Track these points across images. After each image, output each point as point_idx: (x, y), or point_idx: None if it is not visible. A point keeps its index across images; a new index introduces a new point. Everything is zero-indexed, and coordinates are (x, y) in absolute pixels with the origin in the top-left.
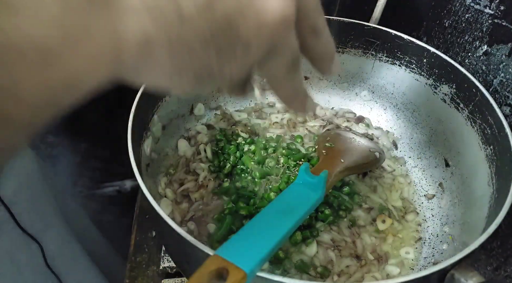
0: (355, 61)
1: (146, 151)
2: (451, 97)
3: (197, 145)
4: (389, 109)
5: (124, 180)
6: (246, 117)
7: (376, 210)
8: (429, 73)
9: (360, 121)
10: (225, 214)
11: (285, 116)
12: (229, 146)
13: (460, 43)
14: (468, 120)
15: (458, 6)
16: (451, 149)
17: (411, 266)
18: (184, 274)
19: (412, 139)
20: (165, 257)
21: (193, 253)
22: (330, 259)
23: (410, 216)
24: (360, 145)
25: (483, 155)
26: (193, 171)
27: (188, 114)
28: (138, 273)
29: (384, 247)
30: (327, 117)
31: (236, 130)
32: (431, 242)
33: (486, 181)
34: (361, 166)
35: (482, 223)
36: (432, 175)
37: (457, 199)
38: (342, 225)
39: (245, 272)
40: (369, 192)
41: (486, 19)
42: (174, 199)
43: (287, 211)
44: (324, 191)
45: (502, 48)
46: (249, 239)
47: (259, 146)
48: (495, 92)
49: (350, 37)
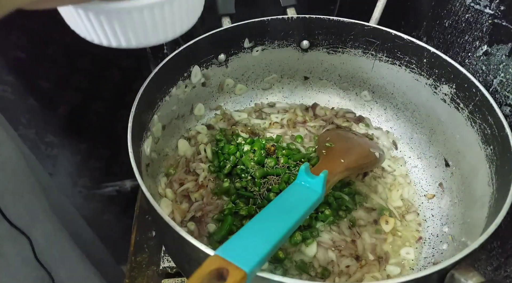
0: (355, 61)
1: (146, 151)
2: (451, 97)
3: (197, 145)
4: (389, 109)
5: (124, 180)
6: (246, 117)
7: (376, 210)
8: (429, 73)
9: (360, 121)
10: (225, 214)
11: (285, 116)
12: (229, 146)
13: (460, 43)
14: (468, 120)
15: (458, 6)
16: (451, 149)
17: (411, 266)
18: (184, 274)
19: (412, 139)
20: (165, 257)
21: (193, 253)
22: (330, 260)
23: (411, 216)
24: (360, 145)
25: (483, 155)
26: (193, 171)
27: (188, 114)
28: (138, 273)
29: (384, 247)
30: (327, 117)
31: (236, 130)
32: (431, 242)
33: (486, 181)
34: (361, 166)
35: (482, 223)
36: (432, 175)
37: (457, 199)
38: (342, 225)
39: (245, 272)
40: (370, 192)
41: (486, 19)
42: (174, 199)
43: (287, 211)
44: (324, 191)
45: (502, 48)
46: (249, 239)
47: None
48: (495, 92)
49: (350, 37)
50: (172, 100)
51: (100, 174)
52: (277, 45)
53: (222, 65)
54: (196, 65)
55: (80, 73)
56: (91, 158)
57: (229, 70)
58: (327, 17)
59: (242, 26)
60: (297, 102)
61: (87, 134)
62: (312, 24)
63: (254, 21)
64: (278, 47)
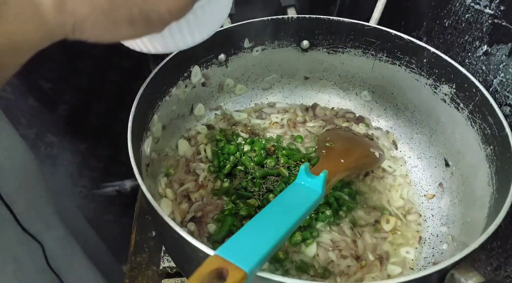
0: (355, 61)
1: (146, 151)
2: (451, 97)
3: (197, 145)
4: (389, 109)
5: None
6: (246, 117)
7: (377, 210)
8: (429, 73)
9: (360, 121)
10: (225, 214)
11: (285, 116)
12: (229, 146)
13: (460, 43)
14: (468, 120)
15: (458, 6)
16: (451, 149)
17: (411, 266)
18: (184, 274)
19: (412, 139)
20: (165, 257)
21: (193, 253)
22: (331, 260)
23: (411, 216)
24: (360, 145)
25: (483, 155)
26: (193, 171)
27: (188, 114)
28: (138, 273)
29: (384, 247)
30: (327, 117)
31: (236, 130)
32: (431, 242)
33: (486, 181)
34: (361, 166)
35: (482, 223)
36: (432, 175)
37: (457, 199)
38: (342, 225)
39: (245, 272)
40: (370, 192)
41: (486, 19)
42: (174, 199)
43: (287, 211)
44: (324, 191)
45: (502, 48)
46: (249, 239)
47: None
48: (495, 92)
49: (350, 37)
50: (172, 100)
51: (100, 174)
52: (277, 45)
53: (222, 65)
54: (196, 65)
55: (80, 73)
56: (91, 158)
57: (229, 70)
58: (327, 17)
59: (242, 26)
60: (297, 102)
61: (87, 134)
62: (312, 24)
63: (254, 21)
64: (278, 47)
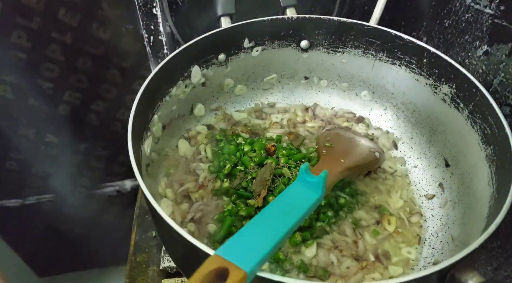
0: (355, 61)
1: (146, 151)
2: (451, 97)
3: (197, 145)
4: (389, 109)
5: (124, 180)
6: (246, 117)
7: (377, 210)
8: (429, 73)
9: (360, 121)
10: (225, 215)
11: (285, 116)
12: (229, 146)
13: (460, 43)
14: (468, 120)
15: (458, 6)
16: (451, 149)
17: (411, 266)
18: (184, 274)
19: (412, 139)
20: (165, 257)
21: (193, 253)
22: (331, 261)
23: (412, 217)
24: (360, 145)
25: (483, 155)
26: (193, 171)
27: (188, 114)
28: (138, 273)
29: (385, 247)
30: (327, 117)
31: (236, 130)
32: (431, 242)
33: (486, 181)
34: (361, 166)
35: (482, 223)
36: (432, 175)
37: (457, 199)
38: (343, 226)
39: (245, 272)
40: (370, 192)
41: (486, 19)
42: (174, 199)
43: (287, 211)
44: (324, 191)
45: (502, 48)
46: (249, 239)
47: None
48: (495, 92)
49: (350, 37)
50: (172, 100)
51: (100, 174)
52: (277, 45)
53: (222, 65)
54: (196, 65)
55: (80, 73)
56: (91, 158)
57: (229, 70)
58: (327, 17)
59: (242, 26)
60: (297, 102)
61: (87, 134)
62: (312, 24)
63: (254, 21)
64: (278, 47)
